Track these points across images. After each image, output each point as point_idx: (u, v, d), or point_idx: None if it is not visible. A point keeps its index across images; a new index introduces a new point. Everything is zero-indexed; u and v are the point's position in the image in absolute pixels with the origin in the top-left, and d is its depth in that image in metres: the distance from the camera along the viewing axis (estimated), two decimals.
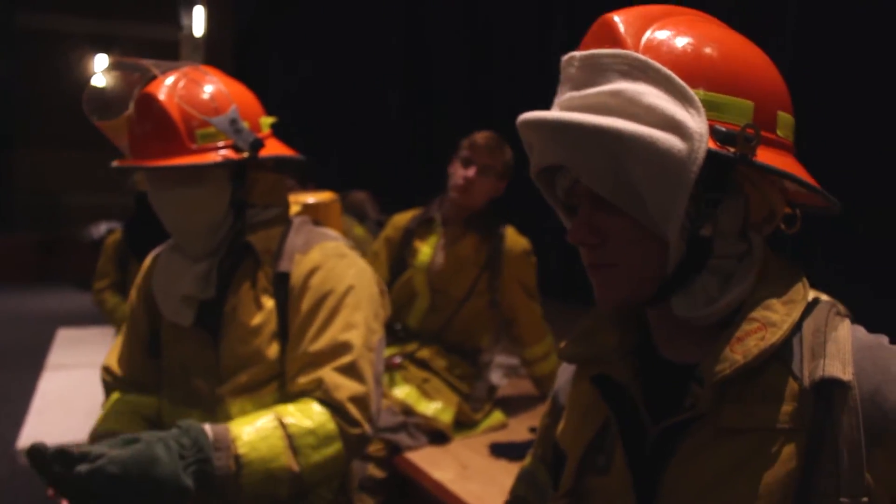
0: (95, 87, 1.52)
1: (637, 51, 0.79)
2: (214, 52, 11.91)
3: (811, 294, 0.89)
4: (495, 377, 2.90)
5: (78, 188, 18.60)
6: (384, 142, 7.09)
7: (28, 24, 19.39)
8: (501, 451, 2.41)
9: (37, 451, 1.14)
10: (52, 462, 1.14)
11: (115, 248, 3.73)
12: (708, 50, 0.81)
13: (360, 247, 3.54)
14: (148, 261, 1.67)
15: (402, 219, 2.86)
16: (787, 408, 0.78)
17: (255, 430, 1.30)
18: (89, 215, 13.00)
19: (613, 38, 0.81)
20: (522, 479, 1.10)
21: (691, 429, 0.81)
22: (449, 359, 2.67)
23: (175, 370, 1.51)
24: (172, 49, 17.92)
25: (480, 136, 2.63)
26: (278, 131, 1.61)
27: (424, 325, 2.70)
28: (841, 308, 0.87)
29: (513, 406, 2.85)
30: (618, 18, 0.82)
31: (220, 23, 12.84)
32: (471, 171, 2.61)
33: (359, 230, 3.87)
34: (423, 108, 6.49)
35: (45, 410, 5.98)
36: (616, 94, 0.77)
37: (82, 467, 1.13)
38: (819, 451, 0.75)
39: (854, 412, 0.75)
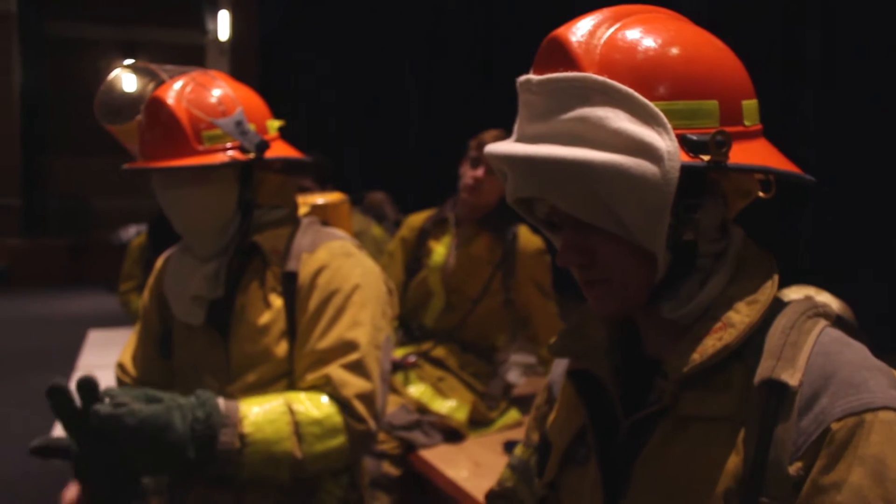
0: (106, 93, 1.56)
1: (593, 68, 0.77)
2: (240, 56, 12.03)
3: (803, 292, 0.89)
4: (512, 375, 2.91)
5: (107, 193, 18.84)
6: (404, 143, 7.13)
7: (57, 31, 19.70)
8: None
9: (58, 387, 1.17)
10: (80, 390, 1.17)
11: (139, 251, 3.79)
12: (666, 56, 0.79)
13: (378, 247, 3.58)
14: (160, 262, 1.72)
15: (417, 219, 2.88)
16: (737, 401, 0.79)
17: (263, 412, 1.33)
18: (118, 219, 13.19)
19: (567, 59, 0.79)
20: (514, 469, 1.11)
21: (658, 422, 0.83)
22: (464, 357, 2.69)
23: (186, 369, 1.55)
24: (199, 53, 18.10)
25: (488, 136, 2.64)
26: (298, 133, 1.64)
27: (440, 324, 2.72)
28: (827, 310, 0.87)
29: (529, 404, 2.85)
30: (569, 36, 0.80)
31: (245, 27, 12.95)
32: (480, 171, 2.63)
33: (377, 230, 3.91)
34: (442, 108, 6.51)
35: None
36: (580, 120, 0.76)
37: (103, 407, 1.17)
38: (755, 448, 0.76)
39: (790, 416, 0.75)
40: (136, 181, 1.69)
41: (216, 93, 1.49)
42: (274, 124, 1.57)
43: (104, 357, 8.24)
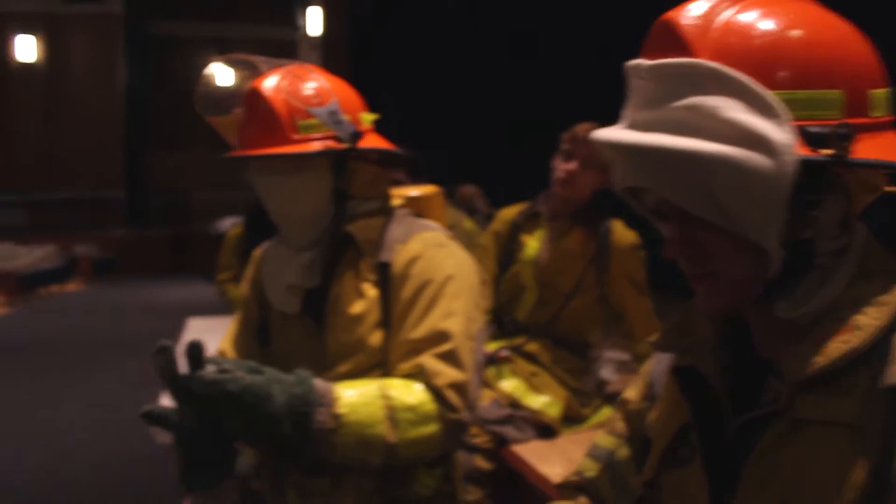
0: (206, 85, 1.61)
1: (707, 54, 0.74)
2: (331, 51, 12.22)
3: None
4: (606, 372, 2.87)
5: (205, 186, 19.52)
6: (494, 136, 7.11)
7: (157, 31, 20.47)
8: None
9: (165, 348, 1.19)
10: (188, 354, 1.20)
11: (236, 242, 3.90)
12: (786, 40, 0.74)
13: (469, 241, 3.58)
14: (258, 253, 1.75)
15: (509, 213, 2.86)
16: (858, 406, 0.74)
17: (358, 395, 1.34)
18: (216, 211, 13.60)
19: (679, 44, 0.75)
20: (598, 459, 1.07)
21: (770, 424, 0.79)
22: (557, 353, 2.66)
23: (283, 357, 1.58)
24: (290, 49, 18.48)
25: (581, 128, 2.60)
26: (390, 127, 1.65)
27: (532, 319, 2.70)
28: None
29: None
30: (681, 19, 0.76)
31: (336, 22, 13.14)
32: (572, 165, 2.59)
33: (468, 224, 3.91)
34: (532, 101, 6.47)
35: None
36: (692, 108, 0.73)
37: (208, 372, 1.20)
38: (880, 457, 0.71)
39: None
40: (233, 174, 1.75)
41: (312, 84, 1.51)
42: (368, 117, 1.58)
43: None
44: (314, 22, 13.29)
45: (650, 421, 0.99)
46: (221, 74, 1.60)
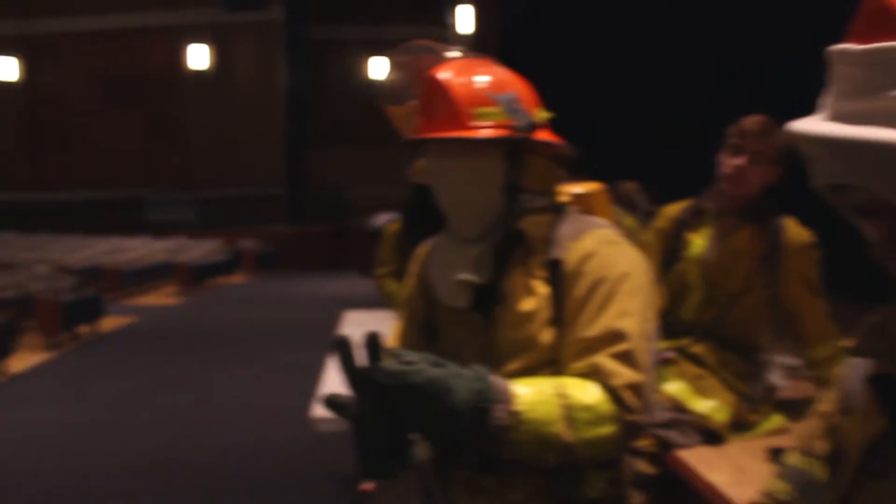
0: (390, 75, 1.64)
1: None
2: (481, 50, 12.28)
3: None
4: (775, 377, 2.72)
5: (361, 183, 20.17)
6: (652, 132, 6.93)
7: (315, 35, 21.33)
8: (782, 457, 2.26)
9: (343, 340, 1.22)
10: (367, 345, 1.22)
11: (394, 237, 3.98)
12: None
13: (630, 238, 3.50)
14: (423, 249, 1.77)
15: (673, 209, 2.77)
16: None
17: (534, 392, 1.32)
18: (371, 207, 13.99)
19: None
20: (790, 480, 1.00)
21: None
22: (724, 355, 2.55)
23: (450, 354, 1.58)
24: None
25: (749, 122, 2.47)
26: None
27: (698, 320, 2.60)
28: None
29: (795, 409, 2.65)
30: None
31: (487, 20, 13.22)
32: (740, 160, 2.47)
33: (629, 221, 3.82)
34: (693, 96, 6.25)
35: (333, 385, 6.57)
36: None
37: (391, 363, 1.22)
38: None
39: None
40: (390, 171, 1.79)
41: (490, 73, 1.53)
42: (543, 114, 1.57)
43: (357, 336, 8.86)
44: (465, 20, 13.42)
45: (845, 433, 0.92)
46: (403, 64, 1.63)
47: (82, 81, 21.36)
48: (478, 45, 12.57)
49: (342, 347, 1.23)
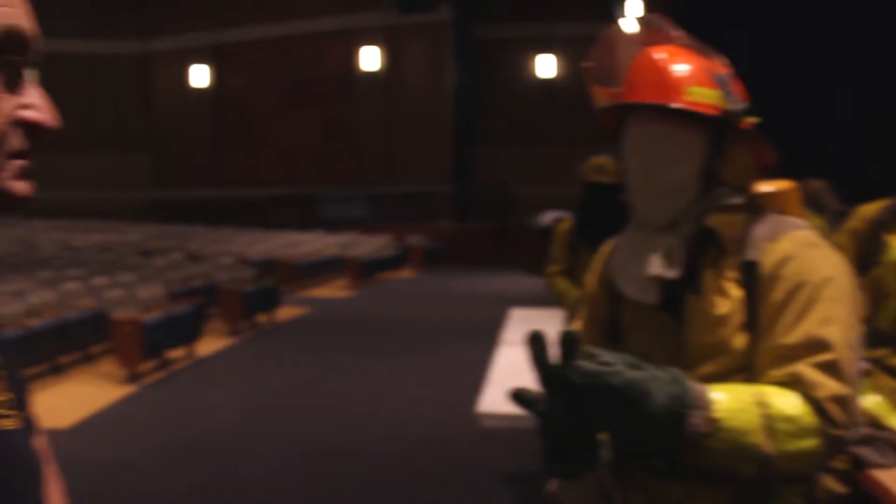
0: (601, 53, 1.62)
1: None
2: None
3: None
4: None
5: (527, 180, 20.20)
6: (840, 128, 6.48)
7: (482, 34, 21.55)
8: None
9: (537, 336, 1.21)
10: (563, 343, 1.21)
11: (566, 236, 3.95)
12: None
13: None
14: (606, 248, 1.73)
15: (870, 210, 2.57)
16: None
17: (733, 399, 1.26)
18: (536, 205, 13.97)
19: None
20: None
21: None
22: None
23: (636, 355, 1.54)
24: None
25: None
26: None
27: None
28: None
29: None
30: None
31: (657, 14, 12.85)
32: None
33: (817, 221, 3.58)
34: (884, 89, 5.78)
35: (499, 381, 6.64)
36: None
37: (587, 363, 1.20)
38: None
39: None
40: (557, 169, 1.75)
41: (705, 55, 1.49)
42: (750, 117, 1.50)
43: (524, 334, 8.86)
44: (634, 14, 13.11)
45: None
46: (614, 41, 1.61)
47: (263, 85, 22.74)
48: None
49: (536, 343, 1.22)
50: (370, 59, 21.65)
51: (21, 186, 0.68)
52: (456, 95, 21.05)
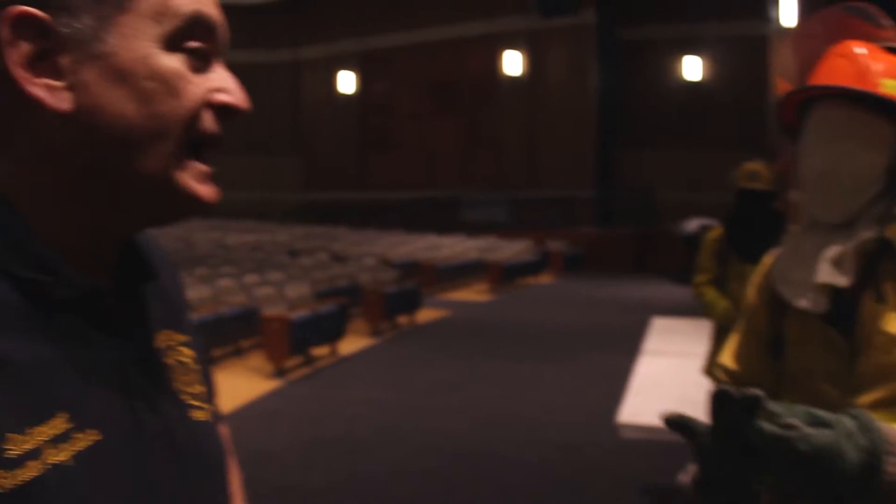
0: (795, 48, 1.56)
1: None
2: None
3: None
4: None
5: (671, 186, 19.64)
6: None
7: (626, 36, 21.13)
8: None
9: (723, 394, 1.10)
10: (737, 403, 1.10)
11: (715, 245, 3.79)
12: None
13: None
14: (768, 259, 1.63)
15: None
16: None
17: None
18: (679, 211, 13.56)
19: None
20: None
21: None
22: None
23: (798, 372, 1.43)
24: (759, 44, 17.56)
25: None
26: None
27: None
28: None
29: None
30: None
31: (811, 11, 12.13)
32: None
33: None
34: None
35: (640, 391, 6.48)
36: None
37: (770, 426, 1.10)
38: None
39: None
40: (702, 175, 1.65)
41: None
42: None
43: (668, 344, 8.61)
44: (789, 13, 12.45)
45: None
46: (810, 36, 1.55)
47: (407, 90, 23.25)
48: None
49: (720, 400, 1.10)
50: (512, 63, 21.68)
51: (207, 191, 0.68)
52: (599, 99, 20.75)
